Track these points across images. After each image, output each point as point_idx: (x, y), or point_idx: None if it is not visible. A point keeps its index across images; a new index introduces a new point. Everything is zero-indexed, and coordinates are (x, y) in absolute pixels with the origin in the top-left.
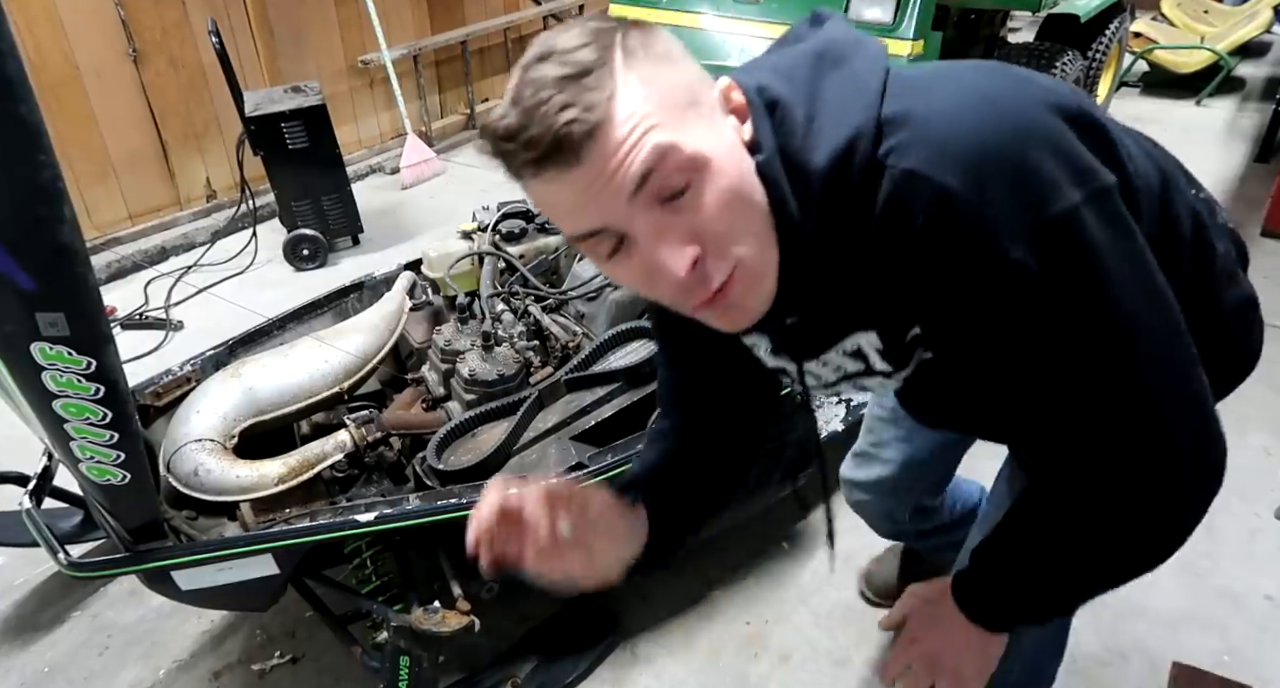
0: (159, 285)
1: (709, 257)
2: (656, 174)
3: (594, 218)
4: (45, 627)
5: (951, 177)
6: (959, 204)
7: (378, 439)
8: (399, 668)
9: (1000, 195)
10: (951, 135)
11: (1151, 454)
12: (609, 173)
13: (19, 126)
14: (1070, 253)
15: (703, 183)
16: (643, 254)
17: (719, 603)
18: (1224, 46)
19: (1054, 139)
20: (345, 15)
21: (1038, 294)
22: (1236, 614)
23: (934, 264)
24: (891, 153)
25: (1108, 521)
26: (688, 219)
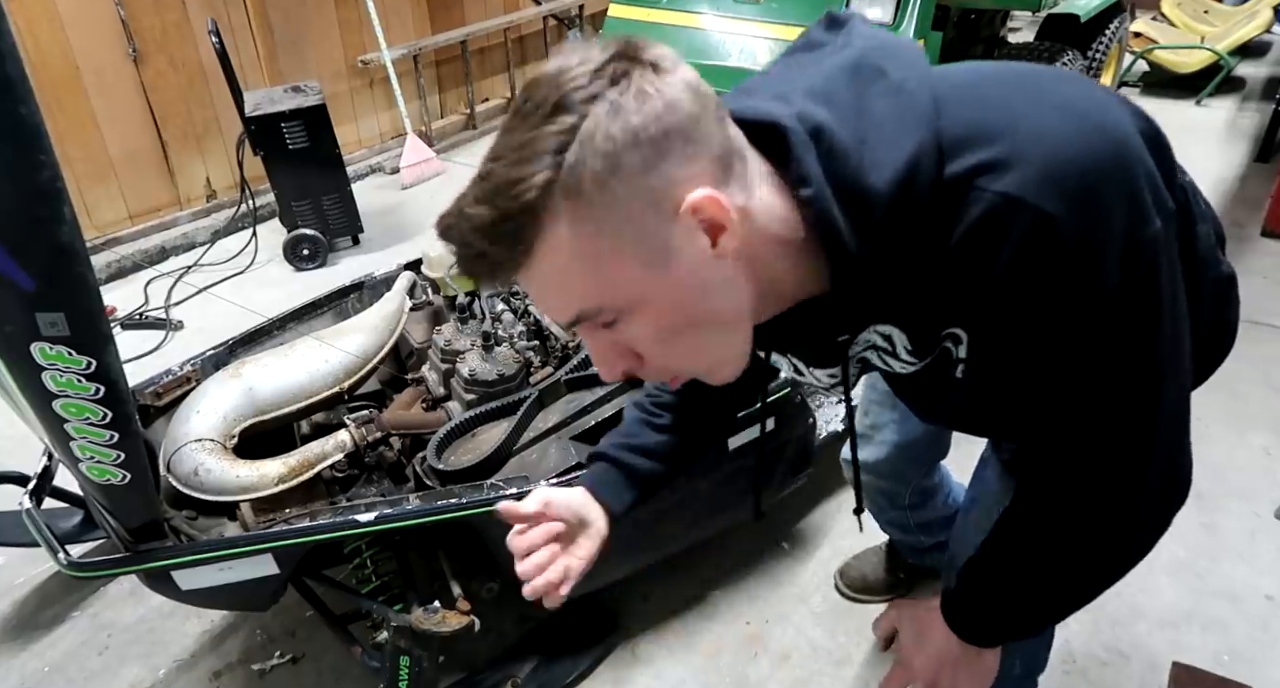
0: (159, 285)
1: (649, 369)
2: (585, 323)
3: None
4: (45, 627)
5: (1055, 202)
6: (1063, 230)
7: (378, 439)
8: (399, 668)
9: (1105, 221)
10: (1055, 157)
11: (1139, 469)
12: (541, 301)
13: (19, 126)
14: (1147, 276)
15: (634, 321)
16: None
17: (719, 603)
18: (1224, 46)
19: (1145, 162)
20: (345, 15)
21: (1108, 312)
22: (1236, 614)
23: (1017, 284)
24: (982, 173)
25: (1085, 533)
26: (625, 340)
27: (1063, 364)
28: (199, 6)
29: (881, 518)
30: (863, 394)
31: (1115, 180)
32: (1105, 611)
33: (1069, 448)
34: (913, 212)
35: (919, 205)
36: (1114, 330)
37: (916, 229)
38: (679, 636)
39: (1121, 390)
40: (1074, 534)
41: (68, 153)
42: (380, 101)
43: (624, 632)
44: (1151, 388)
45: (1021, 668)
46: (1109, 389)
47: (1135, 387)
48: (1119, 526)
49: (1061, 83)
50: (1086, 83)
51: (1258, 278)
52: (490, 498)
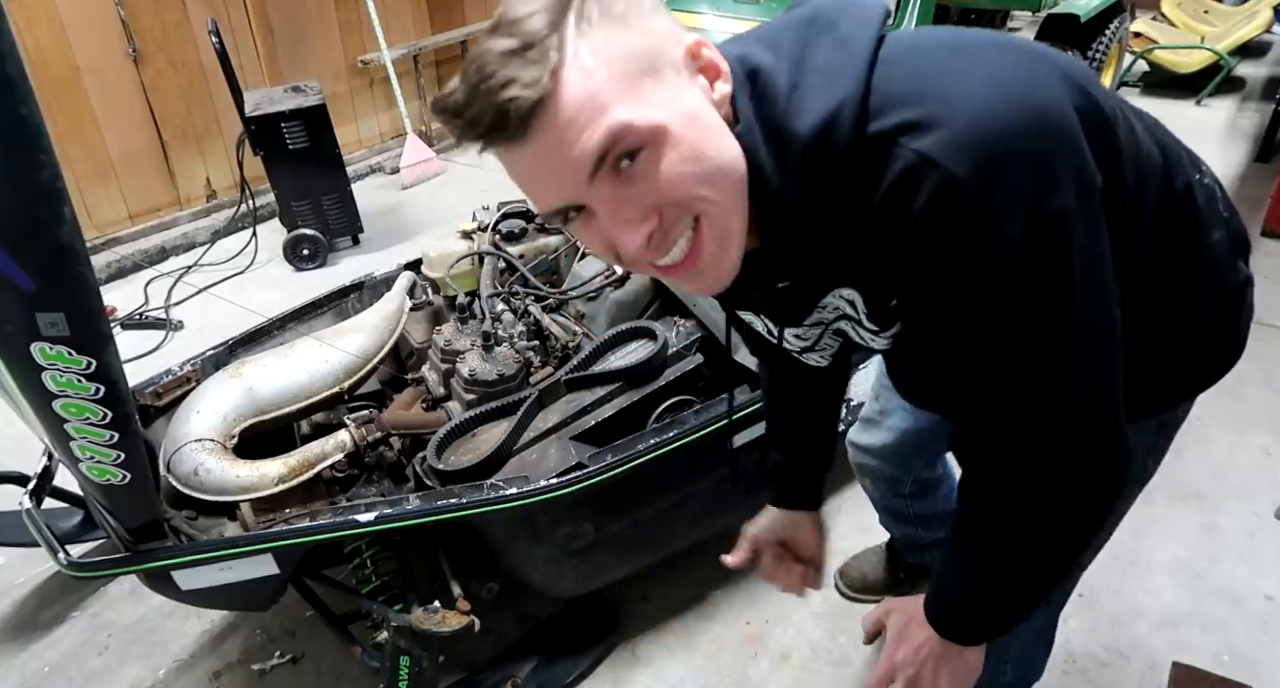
0: (159, 285)
1: (669, 228)
2: (612, 154)
3: (553, 194)
4: (45, 627)
5: (963, 165)
6: (965, 194)
7: (378, 439)
8: (399, 668)
9: (1007, 188)
10: (975, 125)
11: (1058, 444)
12: (562, 153)
13: (19, 126)
14: (1053, 247)
15: (660, 152)
16: (602, 227)
17: (719, 603)
18: (1224, 46)
19: (1069, 138)
20: (345, 15)
21: (1007, 279)
22: (1236, 614)
23: (922, 245)
24: (905, 133)
25: (1020, 517)
26: (644, 189)
27: (971, 332)
28: (199, 6)
29: (881, 505)
30: (874, 379)
31: (1029, 151)
32: (1105, 611)
33: (991, 424)
34: (831, 161)
35: (837, 155)
36: (1015, 299)
37: (838, 179)
38: (679, 636)
39: (1030, 361)
40: (1010, 519)
41: (68, 153)
42: (380, 101)
43: (624, 632)
44: (1063, 360)
45: (1013, 674)
46: (1017, 359)
47: (1045, 358)
48: (1048, 508)
49: (1006, 52)
50: (1035, 54)
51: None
52: (490, 498)
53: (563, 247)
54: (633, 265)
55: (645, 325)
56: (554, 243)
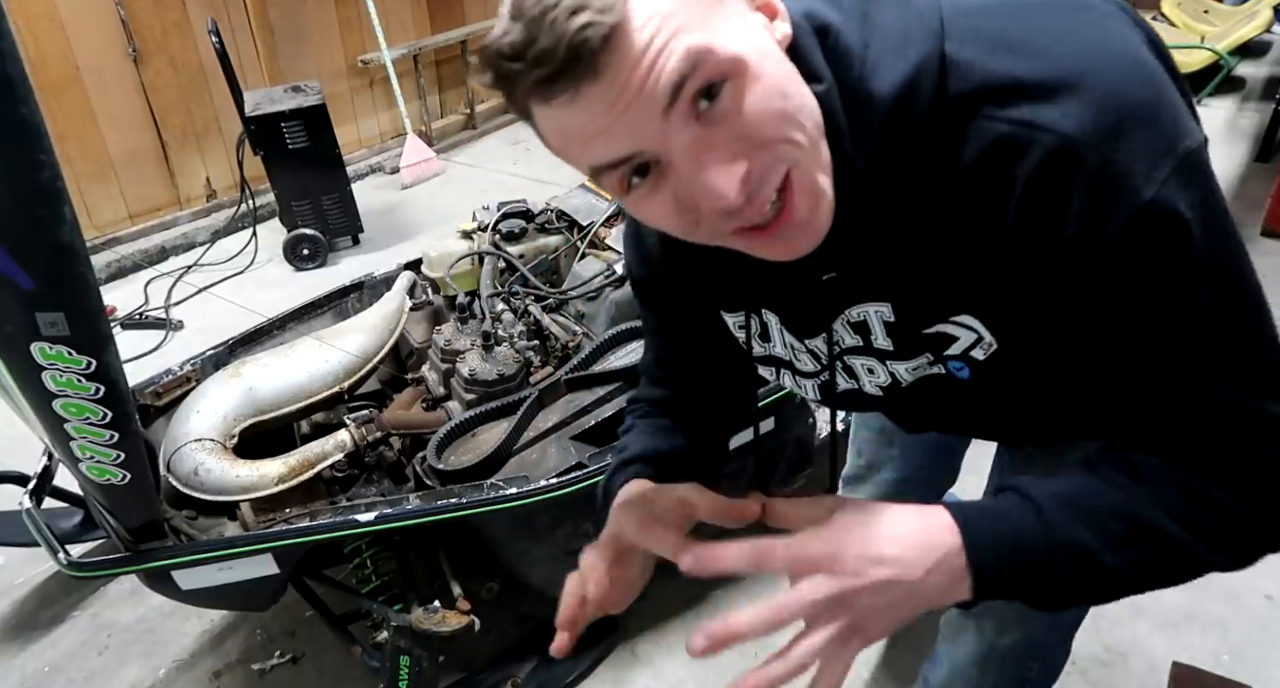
0: (159, 285)
1: (761, 171)
2: (691, 82)
3: (622, 141)
4: (45, 626)
5: (1074, 126)
6: (1089, 157)
7: (378, 439)
8: (399, 668)
9: (1135, 136)
10: (1083, 86)
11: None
12: (635, 85)
13: (19, 126)
14: (1201, 188)
15: (743, 85)
16: (683, 178)
17: (719, 603)
18: (1224, 46)
19: (1171, 92)
20: (345, 15)
21: (1179, 236)
22: (1236, 614)
23: (1035, 222)
24: (992, 98)
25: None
26: (730, 130)
27: (1122, 326)
28: (199, 6)
29: None
30: (853, 433)
31: (1147, 102)
32: (1105, 611)
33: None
34: (912, 126)
35: (918, 119)
36: (1192, 251)
37: (919, 147)
38: (679, 636)
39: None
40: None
41: (68, 153)
42: (380, 101)
43: (624, 632)
44: (1245, 319)
45: (1038, 674)
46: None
47: (1228, 320)
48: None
49: (1084, 9)
50: (1107, 11)
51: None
52: (490, 498)
53: (563, 247)
54: (714, 230)
55: None
56: (554, 243)
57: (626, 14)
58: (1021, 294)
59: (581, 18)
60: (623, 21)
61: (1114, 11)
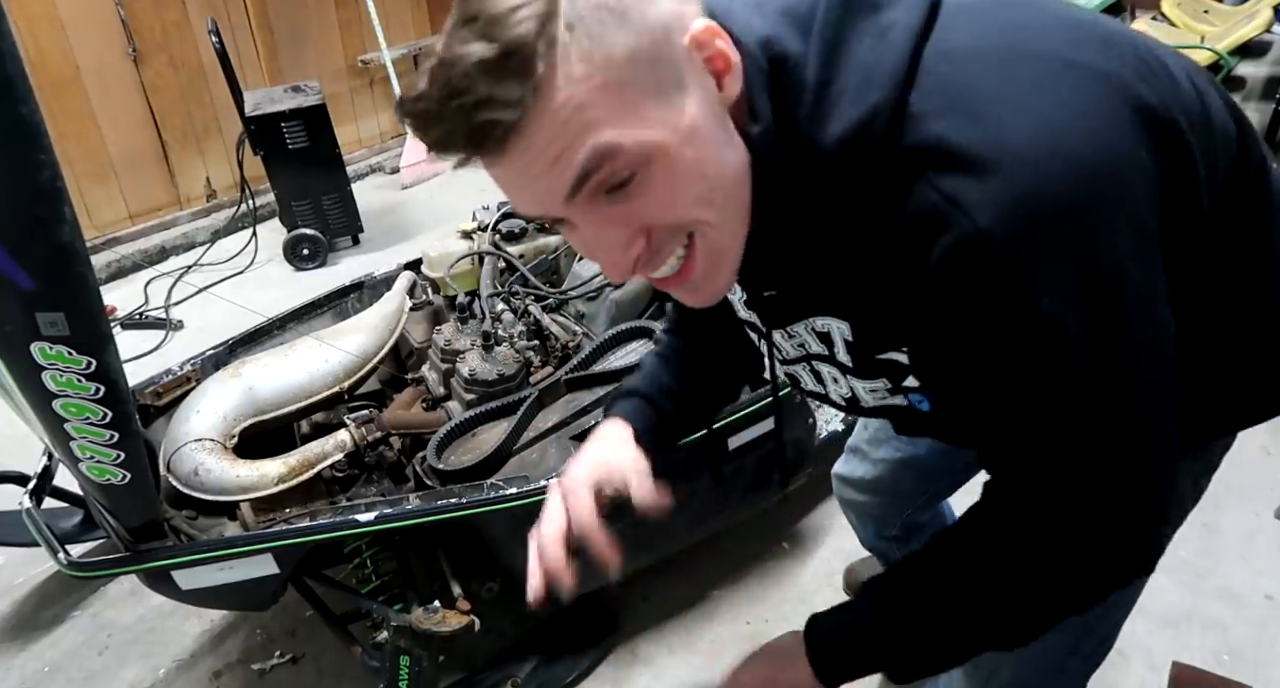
0: (159, 285)
1: (659, 247)
2: (596, 176)
3: (532, 207)
4: (45, 626)
5: (992, 218)
6: (995, 251)
7: (378, 439)
8: (399, 668)
9: (1040, 246)
10: (1014, 172)
11: (1105, 506)
12: (540, 172)
13: (19, 126)
14: (1106, 309)
15: (652, 175)
16: (586, 242)
17: (719, 603)
18: (1224, 46)
19: (1127, 190)
20: (345, 15)
21: (1060, 348)
22: (1236, 614)
23: (941, 301)
24: (936, 163)
25: (1032, 566)
26: (633, 210)
27: (1005, 399)
28: (199, 6)
29: (867, 544)
30: None
31: (1075, 205)
32: None
33: (1024, 478)
34: (851, 178)
35: (859, 172)
36: (1060, 368)
37: (855, 198)
38: (679, 636)
39: (1082, 432)
40: (1003, 563)
41: (68, 153)
42: (380, 101)
43: (624, 632)
44: (1121, 432)
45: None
46: (1066, 429)
47: (1098, 428)
48: (1063, 567)
49: (1072, 68)
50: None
51: None
52: (490, 498)
53: (563, 247)
54: (618, 280)
55: (645, 325)
56: (554, 243)
57: (539, 107)
58: (927, 352)
59: (484, 114)
60: (531, 116)
61: (1115, 72)
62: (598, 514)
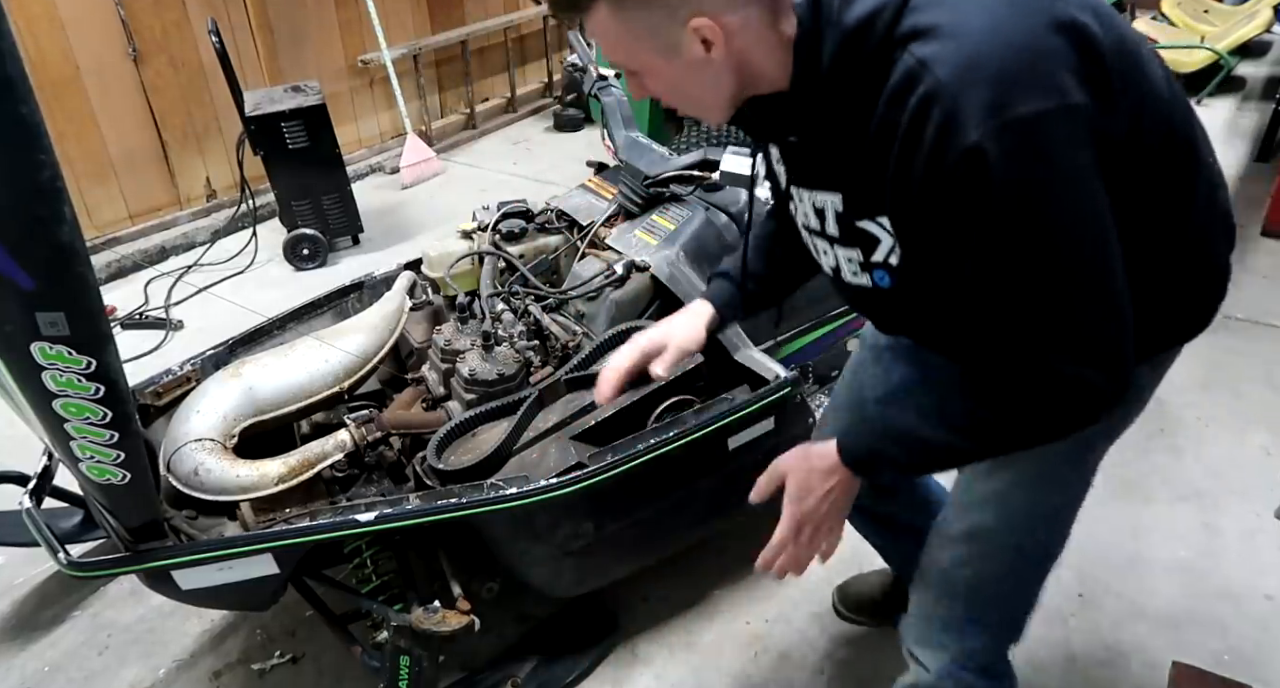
0: (159, 285)
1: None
2: (617, 66)
3: None
4: (45, 626)
5: (946, 71)
6: (942, 92)
7: (378, 439)
8: (399, 668)
9: (978, 90)
10: (970, 38)
11: (1065, 351)
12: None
13: (19, 126)
14: (1026, 152)
15: (648, 78)
16: None
17: (719, 603)
18: (1224, 46)
19: (1043, 54)
20: (345, 15)
21: (987, 183)
22: (1236, 614)
23: (909, 146)
24: (917, 37)
25: (1010, 398)
26: (637, 83)
27: (958, 250)
28: (199, 6)
29: None
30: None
31: (998, 59)
32: (1105, 611)
33: (990, 330)
34: (862, 48)
35: (868, 45)
36: (1000, 201)
37: (863, 64)
38: (679, 636)
39: (1020, 267)
40: (999, 410)
41: (68, 153)
42: (380, 101)
43: (624, 632)
44: (1051, 266)
45: (997, 624)
46: (1008, 265)
47: (1033, 265)
48: (1034, 417)
49: None
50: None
51: (1258, 278)
52: (490, 498)
53: (563, 247)
54: None
55: (645, 325)
56: (554, 243)
57: (587, 19)
58: (903, 208)
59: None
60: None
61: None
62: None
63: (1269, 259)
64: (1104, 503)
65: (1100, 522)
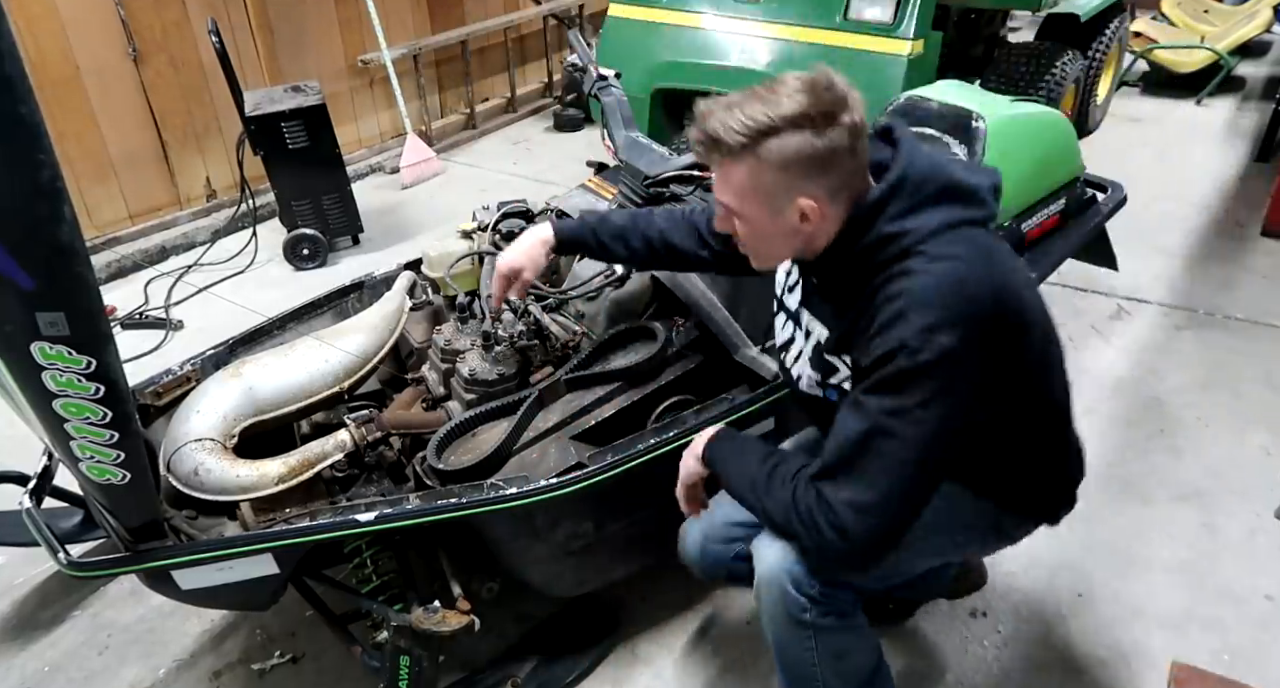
0: (159, 285)
1: (735, 235)
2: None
3: None
4: (45, 626)
5: (916, 299)
6: (888, 308)
7: (378, 439)
8: (399, 668)
9: (923, 316)
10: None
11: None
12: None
13: (19, 126)
14: (932, 365)
15: (740, 221)
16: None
17: (719, 603)
18: (1224, 46)
19: (984, 318)
20: (345, 15)
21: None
22: (1236, 614)
23: (879, 323)
24: (907, 272)
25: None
26: (734, 222)
27: (864, 390)
28: (199, 6)
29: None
30: None
31: (960, 309)
32: (1105, 611)
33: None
34: (883, 253)
35: (887, 254)
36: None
37: (876, 263)
38: (679, 636)
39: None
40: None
41: (68, 153)
42: (380, 101)
43: (624, 632)
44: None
45: None
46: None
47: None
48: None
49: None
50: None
51: (1258, 278)
52: (490, 498)
53: None
54: None
55: (645, 325)
56: None
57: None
58: (860, 356)
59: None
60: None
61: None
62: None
63: (1269, 259)
64: (1104, 503)
65: (1100, 522)
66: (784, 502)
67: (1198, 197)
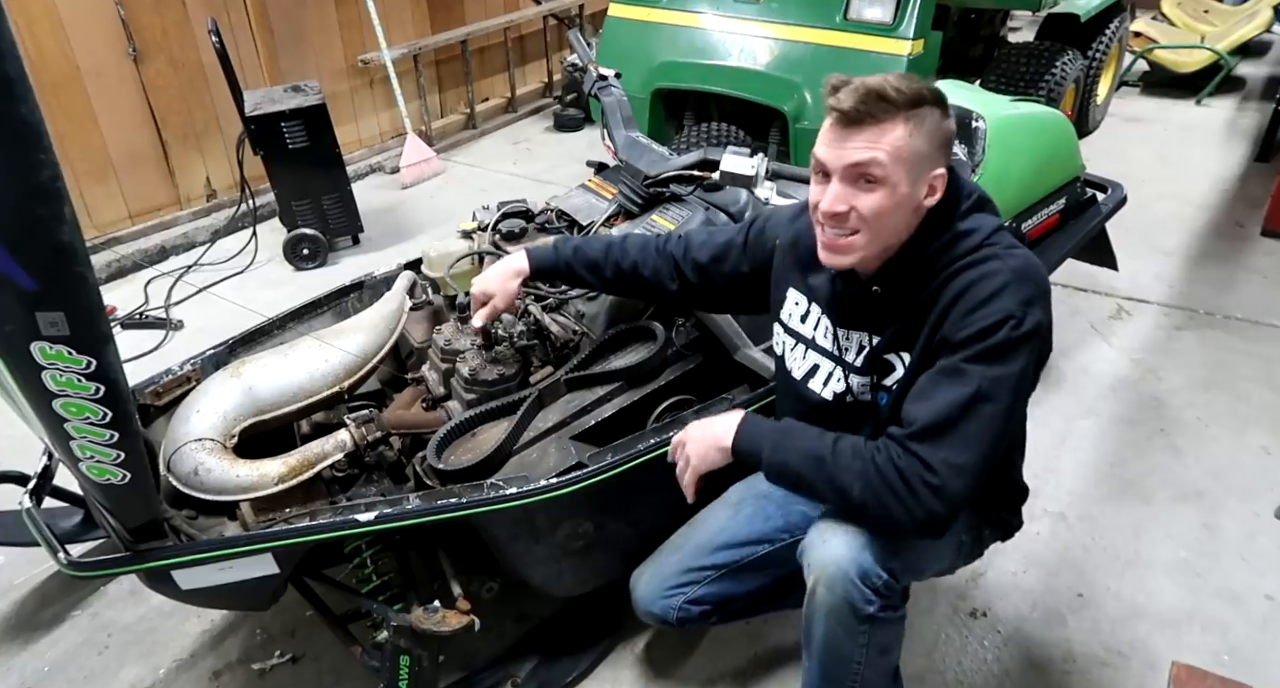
0: (159, 285)
1: (850, 218)
2: (864, 171)
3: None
4: (45, 626)
5: (998, 284)
6: (983, 287)
7: (378, 439)
8: (399, 668)
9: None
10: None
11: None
12: (872, 144)
13: (19, 126)
14: (1031, 335)
15: (878, 190)
16: (829, 188)
17: None
18: (1224, 46)
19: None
20: (345, 15)
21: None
22: (1236, 614)
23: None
24: (989, 259)
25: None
26: (862, 196)
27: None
28: (199, 6)
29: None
30: None
31: (1039, 295)
32: (1105, 611)
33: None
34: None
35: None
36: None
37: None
38: (679, 636)
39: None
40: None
41: (68, 153)
42: (380, 101)
43: (624, 632)
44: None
45: None
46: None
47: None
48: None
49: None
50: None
51: (1258, 277)
52: (490, 498)
53: None
54: (819, 213)
55: (645, 325)
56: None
57: (878, 126)
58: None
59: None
60: (880, 123)
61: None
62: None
63: (1269, 259)
64: (1104, 503)
65: (1100, 522)
66: (863, 470)
67: (1198, 197)
